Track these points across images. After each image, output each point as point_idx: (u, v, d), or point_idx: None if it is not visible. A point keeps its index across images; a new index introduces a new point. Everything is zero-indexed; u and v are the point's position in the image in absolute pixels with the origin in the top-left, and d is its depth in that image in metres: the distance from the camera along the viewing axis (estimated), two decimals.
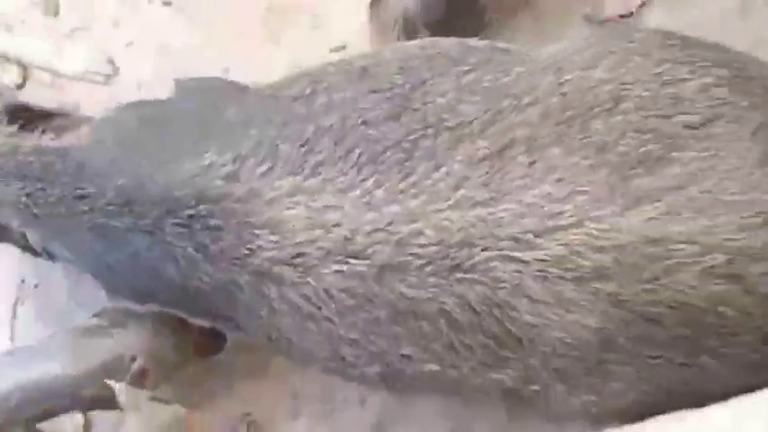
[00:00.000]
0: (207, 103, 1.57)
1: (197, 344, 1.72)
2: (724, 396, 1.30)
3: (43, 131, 1.62)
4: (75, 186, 1.54)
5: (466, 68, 1.47)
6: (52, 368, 1.63)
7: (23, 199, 1.57)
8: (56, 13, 1.99)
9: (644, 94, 1.38)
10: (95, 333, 1.67)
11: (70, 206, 1.54)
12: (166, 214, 1.47)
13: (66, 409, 1.69)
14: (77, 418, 1.79)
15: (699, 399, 1.33)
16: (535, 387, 1.40)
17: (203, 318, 1.64)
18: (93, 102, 1.78)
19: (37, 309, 1.92)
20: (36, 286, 1.91)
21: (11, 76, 1.96)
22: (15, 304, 1.92)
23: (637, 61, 1.41)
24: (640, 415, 1.39)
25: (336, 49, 1.86)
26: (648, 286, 1.30)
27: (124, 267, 1.55)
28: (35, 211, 1.57)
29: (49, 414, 1.68)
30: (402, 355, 1.42)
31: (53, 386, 1.63)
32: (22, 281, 1.92)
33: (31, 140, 1.61)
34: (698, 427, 1.25)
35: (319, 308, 1.42)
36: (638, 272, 1.30)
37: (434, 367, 1.41)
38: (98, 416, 1.79)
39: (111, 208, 1.51)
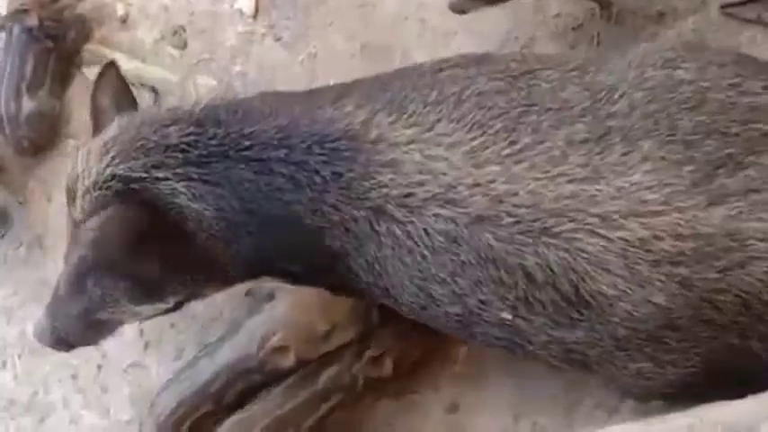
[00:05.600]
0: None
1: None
2: (763, 378, 1.42)
3: None
4: (241, 127, 1.67)
5: (570, 66, 1.59)
6: (243, 344, 1.85)
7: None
8: (184, 47, 2.18)
9: (724, 99, 1.48)
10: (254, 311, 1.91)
11: (235, 144, 1.66)
12: (313, 145, 1.62)
13: (255, 389, 1.87)
14: None
15: (740, 377, 1.46)
16: (596, 351, 1.51)
17: (312, 263, 1.71)
18: None
19: None
20: None
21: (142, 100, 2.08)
22: None
23: (714, 70, 1.52)
24: (688, 391, 1.50)
25: None
26: (719, 275, 1.40)
27: (264, 198, 1.65)
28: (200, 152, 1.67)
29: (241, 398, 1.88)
30: (480, 300, 1.54)
31: (246, 363, 1.86)
32: None
33: None
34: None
35: (417, 244, 1.55)
36: (712, 260, 1.40)
37: (507, 316, 1.52)
38: None
39: (271, 142, 1.65)
